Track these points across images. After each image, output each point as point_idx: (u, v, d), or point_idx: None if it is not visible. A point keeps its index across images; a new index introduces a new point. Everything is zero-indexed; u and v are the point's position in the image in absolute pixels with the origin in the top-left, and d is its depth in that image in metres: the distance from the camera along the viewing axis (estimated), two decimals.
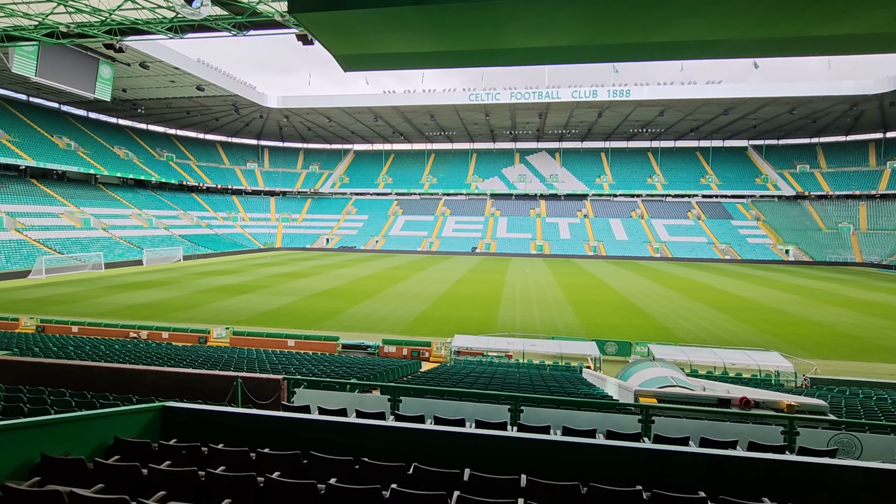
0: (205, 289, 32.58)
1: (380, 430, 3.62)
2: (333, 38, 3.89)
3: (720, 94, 60.87)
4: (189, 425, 4.26)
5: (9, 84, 53.86)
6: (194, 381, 6.74)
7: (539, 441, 3.62)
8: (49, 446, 3.30)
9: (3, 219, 42.07)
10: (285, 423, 3.83)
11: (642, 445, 3.73)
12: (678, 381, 11.35)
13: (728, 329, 23.42)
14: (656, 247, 64.34)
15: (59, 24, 19.82)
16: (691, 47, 3.74)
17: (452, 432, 3.59)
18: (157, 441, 3.86)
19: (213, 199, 75.14)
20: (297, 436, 3.86)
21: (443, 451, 3.60)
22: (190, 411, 4.25)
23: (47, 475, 3.01)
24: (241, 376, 6.33)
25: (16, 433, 3.13)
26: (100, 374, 7.06)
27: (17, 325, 21.59)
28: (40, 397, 5.93)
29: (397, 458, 3.43)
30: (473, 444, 3.57)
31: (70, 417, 3.52)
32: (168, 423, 4.33)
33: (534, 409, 6.15)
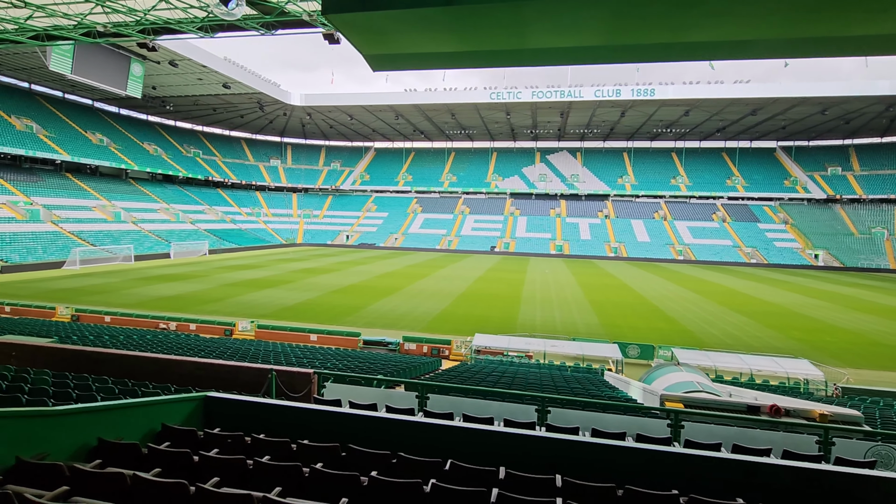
0: (230, 283, 33.32)
1: (416, 426, 3.71)
2: (364, 39, 3.97)
3: (749, 94, 59.36)
4: (229, 415, 4.42)
5: (46, 81, 55.93)
6: (229, 372, 6.95)
7: (574, 442, 3.66)
8: (105, 431, 3.48)
9: (40, 211, 43.74)
10: (323, 416, 3.94)
11: (677, 450, 3.73)
12: (704, 387, 11.19)
13: (754, 334, 22.91)
14: (679, 249, 63.17)
15: (96, 24, 20.51)
16: (723, 48, 3.66)
17: (487, 430, 3.65)
18: (202, 429, 4.02)
19: (238, 194, 76.65)
20: (334, 428, 3.97)
21: (477, 449, 3.66)
22: (231, 402, 4.41)
23: (106, 458, 3.19)
24: (275, 369, 6.51)
25: (76, 417, 3.31)
26: (139, 363, 7.34)
27: (54, 313, 22.47)
28: (86, 383, 6.21)
29: (432, 454, 3.51)
30: (508, 443, 3.63)
31: (123, 404, 3.70)
32: (209, 412, 4.50)
33: (560, 411, 6.17)
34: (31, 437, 3.03)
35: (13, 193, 44.54)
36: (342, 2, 3.41)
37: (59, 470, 2.78)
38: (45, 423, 3.12)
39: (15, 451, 2.89)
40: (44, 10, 19.77)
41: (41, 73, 52.03)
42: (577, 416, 5.90)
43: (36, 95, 57.65)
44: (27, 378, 6.38)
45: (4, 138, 46.02)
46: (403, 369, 13.46)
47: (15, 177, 47.55)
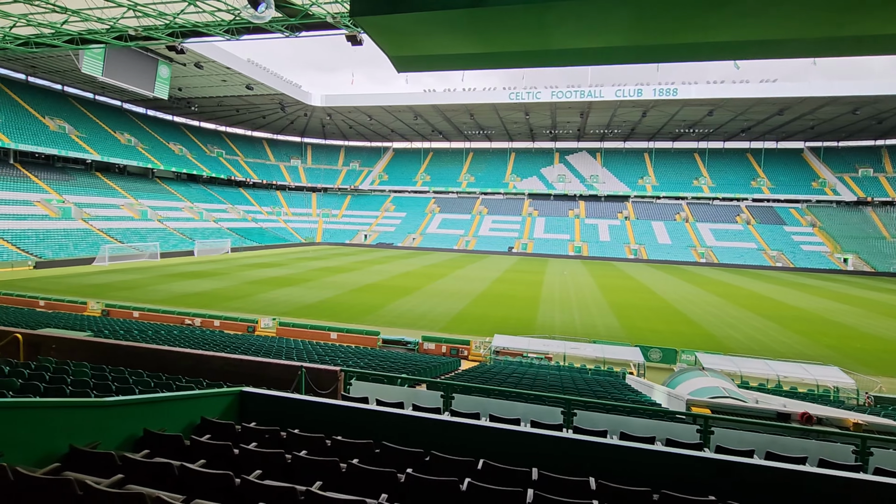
0: (252, 280, 33.93)
1: (448, 425, 3.74)
2: (390, 41, 4.02)
3: (776, 94, 57.91)
4: (263, 409, 4.53)
5: (78, 83, 57.78)
6: (258, 368, 7.10)
7: (607, 445, 3.65)
8: (150, 422, 3.61)
9: (71, 209, 45.22)
10: (357, 413, 4.01)
11: (712, 456, 3.68)
12: (730, 393, 10.98)
13: (780, 340, 22.35)
14: (701, 251, 61.96)
15: (127, 28, 21.13)
16: (752, 47, 3.55)
17: (519, 431, 3.66)
18: (239, 423, 4.13)
19: (259, 193, 77.96)
20: (366, 426, 4.03)
21: (508, 450, 3.68)
22: (265, 397, 4.51)
23: (152, 448, 3.30)
24: (304, 366, 6.63)
25: (124, 408, 3.44)
26: (172, 357, 7.54)
27: (86, 308, 23.21)
28: (123, 376, 6.42)
29: (464, 454, 3.54)
30: (539, 445, 3.63)
31: (166, 397, 3.83)
32: (244, 406, 4.62)
33: (587, 413, 6.14)
34: (84, 427, 3.16)
35: (47, 192, 46.14)
36: (370, 4, 3.49)
37: (111, 458, 2.90)
38: (97, 413, 3.25)
39: (69, 440, 3.02)
40: (79, 15, 20.45)
41: (74, 76, 53.79)
42: (605, 419, 5.87)
43: (69, 97, 59.61)
44: (68, 370, 6.62)
45: (39, 138, 47.70)
46: (424, 369, 13.52)
47: (48, 176, 49.25)
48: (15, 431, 2.80)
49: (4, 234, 37.23)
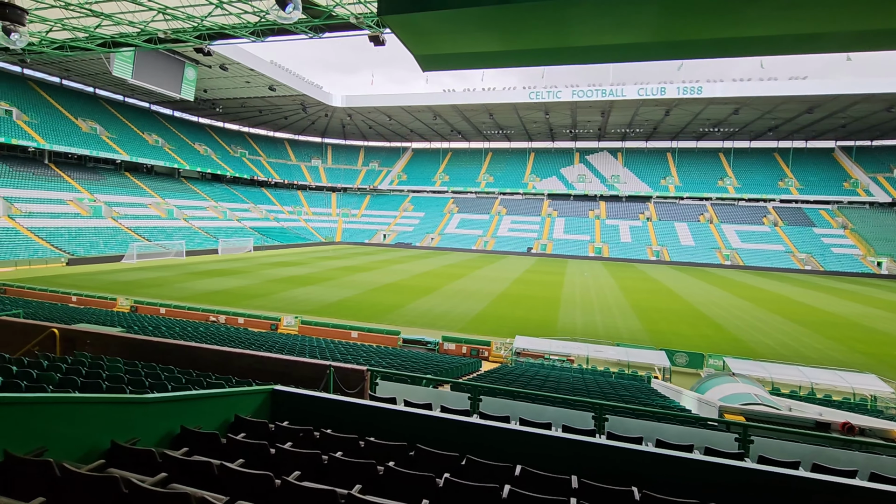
0: (274, 279, 34.41)
1: (486, 429, 3.66)
2: (416, 39, 4.00)
3: (805, 91, 56.12)
4: (295, 408, 4.52)
5: (109, 86, 59.55)
6: (286, 366, 7.13)
7: (648, 453, 3.52)
8: (187, 419, 3.62)
9: (101, 208, 46.60)
10: (390, 414, 3.96)
11: (760, 467, 3.52)
12: (762, 399, 10.63)
13: (812, 345, 21.61)
14: (726, 254, 60.44)
15: (157, 31, 21.65)
16: (790, 42, 3.36)
17: (558, 437, 3.56)
18: (272, 422, 4.12)
19: (280, 193, 79.12)
20: (400, 428, 3.98)
21: (546, 456, 3.58)
22: (297, 396, 4.50)
23: (191, 445, 3.31)
24: (333, 366, 6.63)
25: (163, 405, 3.46)
26: (201, 354, 7.64)
27: (115, 304, 23.85)
28: (155, 372, 6.52)
29: (501, 458, 3.46)
30: (577, 451, 3.53)
31: (203, 394, 3.84)
32: (275, 404, 4.62)
33: (619, 419, 5.98)
34: (124, 423, 3.19)
35: (79, 191, 47.65)
36: (397, 3, 3.47)
37: (151, 456, 2.90)
38: (137, 409, 3.27)
39: (110, 436, 3.04)
40: (111, 19, 21.03)
41: (105, 79, 55.44)
42: (638, 426, 5.70)
43: (100, 99, 61.48)
44: (103, 365, 6.75)
45: (72, 139, 49.30)
46: (446, 370, 13.46)
47: (80, 175, 50.86)
48: (58, 426, 2.83)
49: (39, 231, 38.57)
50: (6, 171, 43.74)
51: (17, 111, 46.86)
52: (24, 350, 8.33)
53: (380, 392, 6.81)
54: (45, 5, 18.67)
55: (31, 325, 8.60)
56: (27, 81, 53.37)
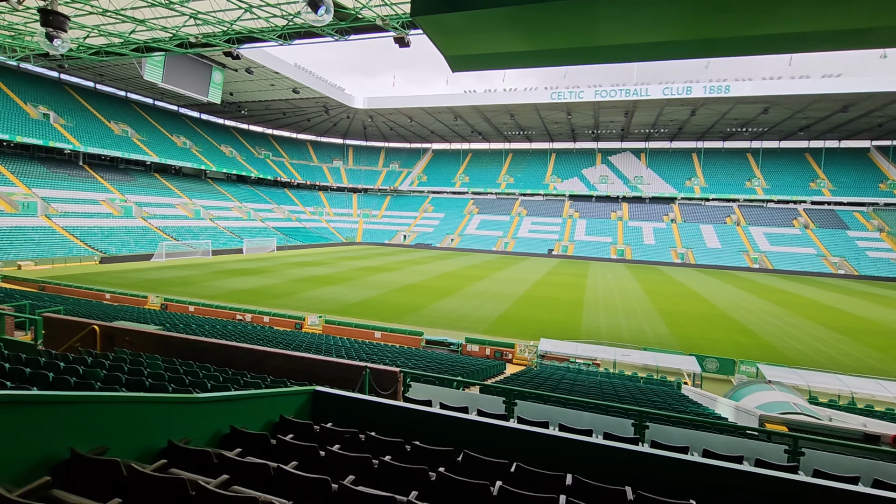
0: (297, 278, 34.87)
1: (539, 437, 3.58)
2: (447, 40, 3.99)
3: (840, 89, 54.13)
4: (337, 410, 4.51)
5: (140, 90, 61.37)
6: (319, 366, 7.17)
7: (717, 468, 3.39)
8: (235, 419, 3.65)
9: (132, 208, 48.00)
10: (437, 419, 3.92)
11: (820, 482, 3.36)
12: (801, 409, 10.25)
13: (849, 353, 20.80)
14: (754, 257, 58.80)
15: (188, 36, 22.17)
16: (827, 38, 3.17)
17: (616, 448, 3.46)
18: (317, 423, 4.12)
19: (303, 194, 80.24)
20: (446, 432, 3.93)
21: (602, 467, 3.49)
22: (339, 397, 4.50)
23: (242, 446, 3.32)
24: (368, 367, 6.64)
25: (213, 405, 3.49)
26: (235, 353, 7.75)
27: (146, 301, 24.49)
28: (193, 370, 6.63)
29: (553, 467, 3.38)
30: (636, 461, 3.42)
31: (250, 395, 3.87)
32: (316, 405, 4.62)
33: (659, 427, 5.82)
34: (177, 422, 3.22)
35: (111, 192, 49.18)
36: (430, 3, 3.46)
37: (207, 456, 2.92)
38: (189, 409, 3.30)
39: (166, 435, 3.07)
40: (145, 24, 21.63)
41: (136, 83, 57.16)
42: (682, 435, 5.54)
43: (131, 102, 63.39)
44: (143, 362, 6.89)
45: (105, 142, 50.93)
46: (472, 371, 13.39)
47: (112, 176, 52.49)
48: (118, 425, 2.87)
49: (74, 230, 39.92)
50: (44, 173, 45.44)
51: (54, 114, 48.65)
52: (67, 346, 8.59)
53: (412, 394, 6.79)
54: (84, 12, 19.35)
55: (73, 322, 8.87)
56: (63, 86, 55.37)
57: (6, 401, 2.25)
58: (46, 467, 2.40)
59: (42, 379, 5.01)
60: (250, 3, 19.36)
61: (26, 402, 2.33)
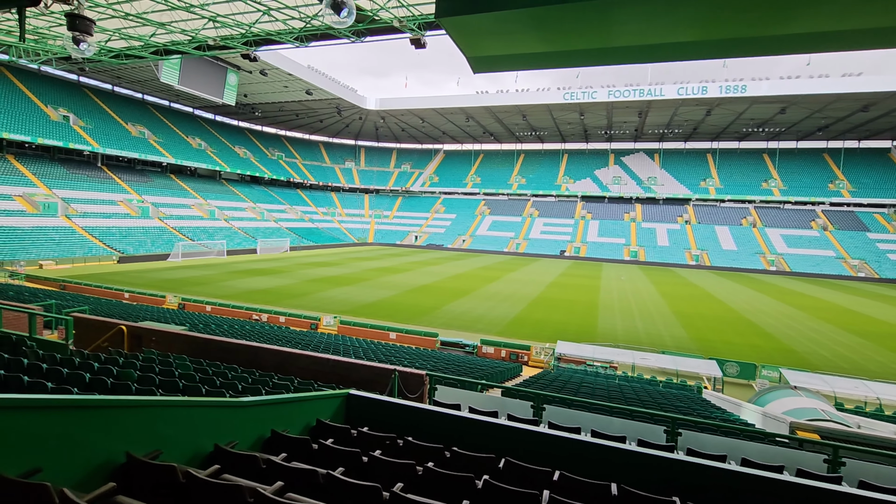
0: (311, 279, 35.08)
1: (579, 444, 3.53)
2: (471, 41, 4.01)
3: (861, 88, 53.04)
4: (370, 414, 4.50)
5: (156, 92, 62.28)
6: (345, 368, 7.17)
7: (767, 479, 3.31)
8: (276, 423, 3.65)
9: (149, 208, 48.71)
10: (478, 425, 3.88)
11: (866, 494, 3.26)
12: (830, 415, 10.03)
13: (874, 359, 20.34)
14: (771, 259, 57.86)
15: (207, 38, 22.43)
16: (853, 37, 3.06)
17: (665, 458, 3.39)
18: (349, 426, 4.10)
19: (315, 195, 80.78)
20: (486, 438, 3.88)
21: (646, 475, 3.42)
22: (373, 401, 4.49)
23: (286, 451, 3.32)
24: (397, 370, 6.62)
25: (257, 409, 3.50)
26: (261, 354, 7.78)
27: (164, 301, 24.81)
28: (222, 371, 6.67)
29: (598, 476, 3.32)
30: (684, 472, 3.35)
31: (290, 398, 3.87)
32: (350, 409, 4.62)
33: (693, 434, 5.72)
34: (223, 426, 3.23)
35: (128, 192, 49.96)
36: (455, 5, 3.47)
37: (255, 461, 2.92)
38: (234, 413, 3.31)
39: (213, 439, 3.08)
40: (165, 28, 21.94)
41: (152, 85, 58.01)
42: (718, 442, 5.43)
43: (148, 104, 64.36)
44: (172, 363, 6.96)
45: (123, 143, 51.78)
46: (489, 374, 13.33)
47: (130, 177, 53.34)
48: (169, 429, 2.88)
49: (93, 230, 40.61)
50: (64, 174, 46.31)
51: (73, 117, 49.57)
52: (96, 345, 8.71)
53: (439, 397, 6.76)
54: (106, 16, 19.69)
55: (101, 322, 8.99)
56: (83, 88, 56.40)
57: (70, 405, 2.26)
58: (106, 472, 2.41)
59: (79, 380, 5.07)
60: (269, 5, 19.52)
61: (88, 406, 2.35)
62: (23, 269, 30.85)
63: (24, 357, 6.12)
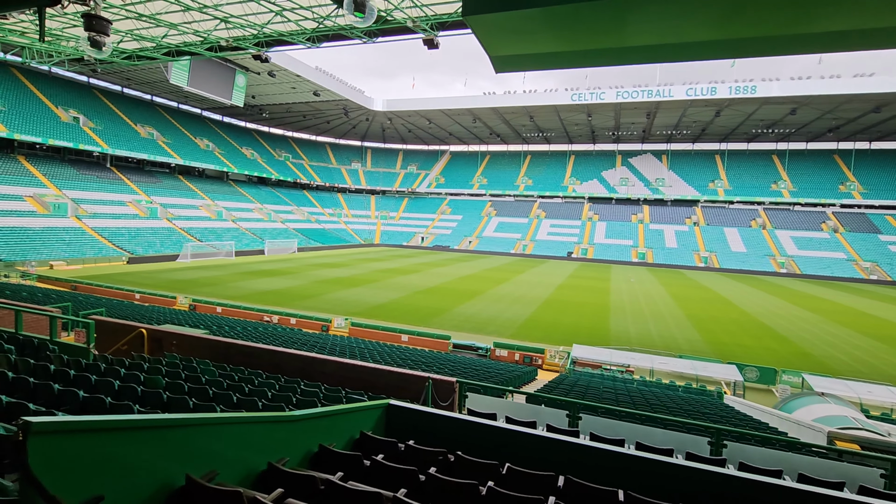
0: (320, 280, 35.00)
1: (652, 463, 3.34)
2: (496, 40, 3.96)
3: (872, 89, 52.48)
4: (410, 425, 4.33)
5: (165, 93, 62.51)
6: (372, 374, 7.01)
7: (833, 499, 3.12)
8: (323, 437, 3.48)
9: (157, 209, 48.84)
10: (532, 440, 3.69)
11: None
12: (862, 424, 9.77)
13: (893, 363, 19.98)
14: (781, 261, 57.31)
15: (219, 39, 22.40)
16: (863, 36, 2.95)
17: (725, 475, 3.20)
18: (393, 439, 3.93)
19: (321, 196, 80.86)
20: (542, 454, 3.70)
21: (705, 492, 3.24)
22: (416, 412, 4.32)
23: (341, 469, 3.15)
24: (431, 378, 6.45)
25: (305, 423, 3.33)
26: (284, 358, 7.64)
27: (175, 302, 24.77)
28: (248, 377, 6.52)
29: (661, 496, 3.14)
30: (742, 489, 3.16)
31: (336, 411, 3.71)
32: (389, 420, 4.44)
33: (738, 446, 5.51)
34: (275, 442, 3.07)
35: (137, 193, 50.13)
36: (484, 3, 3.43)
37: (313, 482, 2.75)
38: (285, 428, 3.15)
39: (266, 456, 2.92)
40: (177, 29, 21.91)
41: (161, 86, 58.23)
42: (766, 455, 5.22)
43: (156, 106, 64.63)
44: (196, 368, 6.81)
45: (132, 144, 51.97)
46: (506, 379, 13.13)
47: (138, 178, 53.53)
48: (225, 447, 2.72)
49: (103, 231, 40.74)
50: (74, 175, 46.52)
51: (83, 118, 49.80)
52: (115, 348, 8.59)
53: (470, 405, 6.58)
54: (120, 17, 19.67)
55: (121, 325, 8.88)
56: (92, 90, 56.69)
57: (124, 426, 2.10)
58: (164, 496, 2.25)
59: (108, 387, 4.94)
60: (282, 6, 19.44)
61: (151, 426, 2.19)
62: (34, 270, 30.93)
63: (48, 362, 5.99)
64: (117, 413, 3.94)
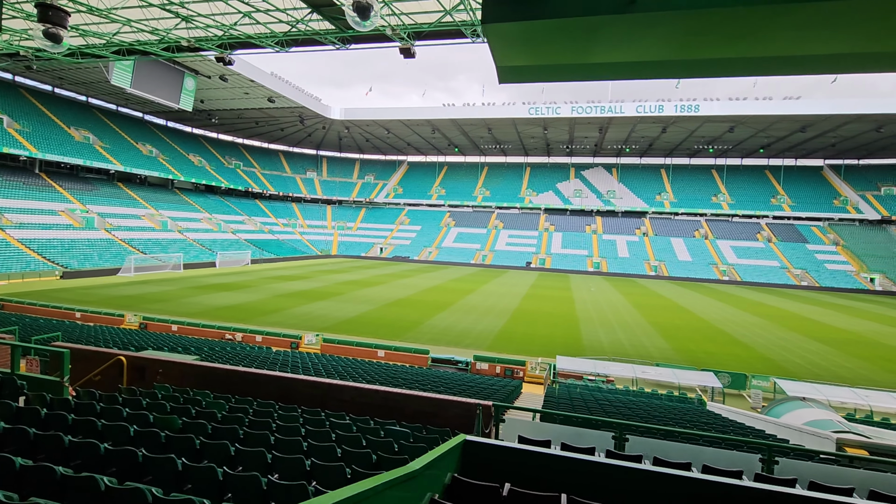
0: (281, 293, 33.34)
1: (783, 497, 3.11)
2: (508, 50, 3.92)
3: (801, 111, 57.58)
4: (496, 464, 3.90)
5: (102, 95, 58.16)
6: (397, 401, 6.47)
7: None
8: (430, 486, 3.00)
9: (94, 219, 44.98)
10: (648, 477, 3.37)
11: None
12: (848, 427, 10.25)
13: (842, 364, 21.52)
14: (723, 269, 61.13)
15: (180, 39, 20.94)
16: (810, 62, 3.33)
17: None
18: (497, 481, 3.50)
19: (275, 205, 77.86)
20: (638, 485, 3.40)
21: None
22: (497, 448, 3.89)
23: None
24: (481, 404, 5.99)
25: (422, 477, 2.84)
26: (294, 386, 6.93)
27: (122, 321, 22.64)
28: (268, 410, 5.80)
29: None
30: None
31: (441, 454, 3.23)
32: (467, 457, 3.99)
33: (789, 462, 5.47)
34: (398, 501, 2.57)
35: (70, 202, 45.98)
36: (503, 11, 3.37)
37: None
38: (408, 486, 2.65)
39: None
40: (131, 26, 20.29)
41: (99, 87, 54.13)
42: (822, 471, 5.19)
43: (93, 108, 59.95)
44: (200, 401, 6.01)
45: (65, 148, 47.73)
46: (504, 394, 12.82)
47: (72, 185, 49.17)
48: None
49: (31, 243, 36.91)
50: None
51: (7, 119, 45.24)
52: (86, 379, 7.51)
53: (506, 430, 6.19)
54: (72, 10, 17.86)
55: (93, 352, 7.78)
56: (19, 89, 51.77)
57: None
58: None
59: (122, 433, 4.17)
60: (255, 6, 18.43)
61: None
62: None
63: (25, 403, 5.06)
64: None
